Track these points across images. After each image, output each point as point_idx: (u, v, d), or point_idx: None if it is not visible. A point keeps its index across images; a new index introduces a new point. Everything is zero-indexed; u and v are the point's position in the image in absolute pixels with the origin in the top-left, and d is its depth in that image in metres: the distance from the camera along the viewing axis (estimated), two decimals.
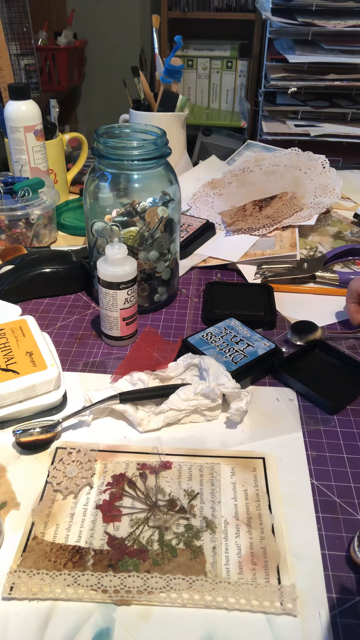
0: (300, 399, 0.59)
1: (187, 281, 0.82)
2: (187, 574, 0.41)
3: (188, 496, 0.47)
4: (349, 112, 1.52)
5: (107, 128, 0.68)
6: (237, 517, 0.46)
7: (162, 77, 1.06)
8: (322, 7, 1.44)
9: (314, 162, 1.00)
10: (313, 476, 0.50)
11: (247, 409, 0.55)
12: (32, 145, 0.92)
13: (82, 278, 0.77)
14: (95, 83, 2.56)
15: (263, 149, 1.13)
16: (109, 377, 0.61)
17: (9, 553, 0.43)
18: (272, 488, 0.48)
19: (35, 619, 0.39)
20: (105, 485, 0.48)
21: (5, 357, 0.57)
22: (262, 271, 0.81)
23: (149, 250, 0.68)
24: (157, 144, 0.64)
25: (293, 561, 0.43)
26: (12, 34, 1.10)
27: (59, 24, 2.29)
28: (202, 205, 1.01)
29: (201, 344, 0.63)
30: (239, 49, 2.18)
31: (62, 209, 1.01)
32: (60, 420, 0.53)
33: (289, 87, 1.49)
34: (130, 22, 2.38)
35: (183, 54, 2.19)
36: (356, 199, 1.09)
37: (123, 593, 0.40)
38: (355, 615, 0.39)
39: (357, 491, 0.48)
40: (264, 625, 0.39)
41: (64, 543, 0.44)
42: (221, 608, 0.39)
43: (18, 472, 0.50)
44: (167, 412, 0.55)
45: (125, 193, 0.69)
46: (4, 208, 0.82)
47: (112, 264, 0.61)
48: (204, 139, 2.25)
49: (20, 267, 0.75)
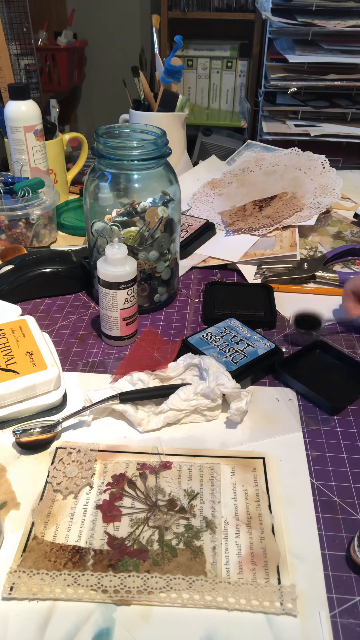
0: (300, 399, 0.59)
1: (187, 281, 0.82)
2: (187, 574, 0.41)
3: (188, 496, 0.47)
4: (349, 112, 1.52)
5: (107, 128, 0.68)
6: (237, 517, 0.46)
7: (162, 77, 1.06)
8: (322, 7, 1.44)
9: (314, 162, 1.00)
10: (313, 476, 0.50)
11: (247, 409, 0.55)
12: (32, 145, 0.92)
13: (82, 278, 0.77)
14: (95, 83, 2.56)
15: (263, 149, 1.13)
16: (109, 377, 0.61)
17: (9, 553, 0.43)
18: (272, 488, 0.48)
19: (35, 619, 0.39)
20: (105, 485, 0.48)
21: (5, 357, 0.57)
22: (262, 271, 0.81)
23: (149, 250, 0.68)
24: (157, 144, 0.64)
25: (293, 561, 0.43)
26: (12, 34, 1.10)
27: (59, 24, 2.29)
28: (202, 205, 1.01)
29: (201, 344, 0.63)
30: (239, 49, 2.18)
31: (62, 209, 1.01)
32: (60, 420, 0.53)
33: (289, 87, 1.49)
34: (130, 22, 2.38)
35: (183, 54, 2.19)
36: (356, 199, 1.09)
37: (123, 593, 0.40)
38: (355, 615, 0.39)
39: (357, 491, 0.48)
40: (264, 625, 0.39)
41: (64, 543, 0.44)
42: (221, 608, 0.39)
43: (18, 472, 0.50)
44: (167, 412, 0.55)
45: (125, 193, 0.69)
46: (4, 208, 0.82)
47: (112, 264, 0.61)
48: (204, 139, 2.25)
49: (20, 267, 0.75)
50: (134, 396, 0.55)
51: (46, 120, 1.01)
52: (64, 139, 1.06)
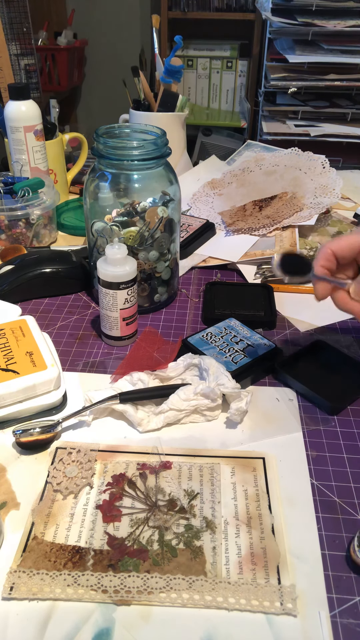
0: (300, 399, 0.59)
1: (187, 281, 0.82)
2: (187, 574, 0.41)
3: (188, 496, 0.47)
4: (349, 112, 1.52)
5: (107, 128, 0.68)
6: (237, 517, 0.46)
7: (162, 77, 1.06)
8: (322, 7, 1.44)
9: (314, 162, 1.00)
10: (313, 476, 0.50)
11: (247, 409, 0.55)
12: (32, 145, 0.92)
13: (82, 278, 0.77)
14: (95, 83, 2.56)
15: (263, 149, 1.13)
16: (109, 377, 0.61)
17: (9, 553, 0.43)
18: (272, 488, 0.48)
19: (35, 619, 0.39)
20: (105, 485, 0.48)
21: (5, 357, 0.57)
22: (262, 271, 0.81)
23: (149, 250, 0.68)
24: (157, 144, 0.64)
25: (293, 561, 0.43)
26: (12, 34, 1.10)
27: (59, 24, 2.29)
28: (202, 205, 1.01)
29: (201, 344, 0.63)
30: (239, 49, 2.18)
31: (62, 209, 1.01)
32: (60, 420, 0.53)
33: (289, 87, 1.49)
34: (130, 22, 2.38)
35: (183, 54, 2.19)
36: (356, 199, 1.09)
37: (123, 593, 0.40)
38: (355, 615, 0.39)
39: (357, 491, 0.48)
40: (264, 625, 0.39)
41: (64, 543, 0.44)
42: (221, 608, 0.39)
43: (18, 472, 0.50)
44: (167, 412, 0.55)
45: (125, 193, 0.69)
46: (4, 208, 0.82)
47: (112, 264, 0.61)
48: (204, 139, 2.25)
49: (20, 267, 0.75)
50: (134, 396, 0.55)
51: (46, 120, 1.01)
52: (64, 139, 1.06)
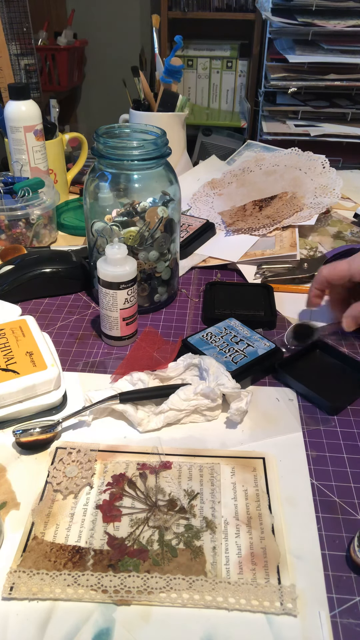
0: (300, 399, 0.59)
1: (187, 281, 0.82)
2: (187, 574, 0.41)
3: (188, 496, 0.47)
4: (349, 112, 1.52)
5: (107, 128, 0.68)
6: (237, 517, 0.46)
7: (162, 77, 1.06)
8: (322, 7, 1.44)
9: (314, 162, 1.00)
10: (313, 476, 0.50)
11: (247, 409, 0.55)
12: (32, 145, 0.92)
13: (82, 278, 0.77)
14: (95, 83, 2.56)
15: (263, 149, 1.13)
16: (109, 377, 0.61)
17: (9, 553, 0.43)
18: (272, 488, 0.48)
19: (35, 619, 0.39)
20: (105, 485, 0.48)
21: (5, 357, 0.57)
22: (262, 271, 0.81)
23: (149, 250, 0.68)
24: (157, 144, 0.64)
25: (293, 561, 0.43)
26: (12, 34, 1.10)
27: (59, 24, 2.29)
28: (202, 205, 1.01)
29: (201, 344, 0.63)
30: (239, 49, 2.18)
31: (62, 209, 1.01)
32: (60, 420, 0.53)
33: (289, 87, 1.49)
34: (130, 22, 2.38)
35: (183, 54, 2.19)
36: (356, 199, 1.09)
37: (123, 593, 0.40)
38: (355, 615, 0.39)
39: (357, 491, 0.48)
40: (264, 625, 0.39)
41: (64, 543, 0.44)
42: (221, 608, 0.39)
43: (18, 472, 0.50)
44: (167, 412, 0.55)
45: (125, 193, 0.69)
46: (4, 208, 0.82)
47: (112, 264, 0.61)
48: (204, 139, 2.25)
49: (20, 267, 0.75)
50: (134, 396, 0.55)
51: (46, 120, 1.01)
52: (64, 139, 1.06)
